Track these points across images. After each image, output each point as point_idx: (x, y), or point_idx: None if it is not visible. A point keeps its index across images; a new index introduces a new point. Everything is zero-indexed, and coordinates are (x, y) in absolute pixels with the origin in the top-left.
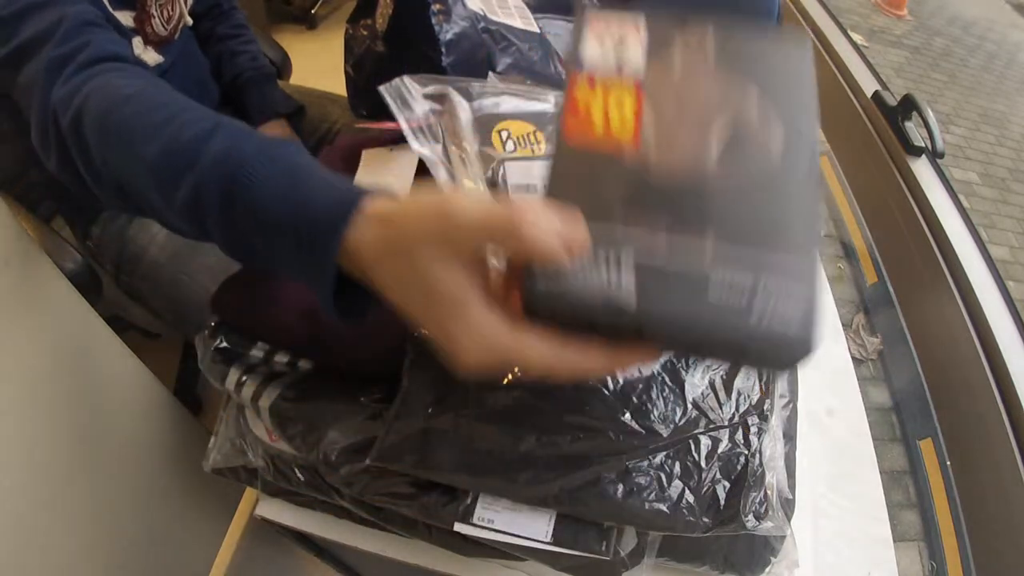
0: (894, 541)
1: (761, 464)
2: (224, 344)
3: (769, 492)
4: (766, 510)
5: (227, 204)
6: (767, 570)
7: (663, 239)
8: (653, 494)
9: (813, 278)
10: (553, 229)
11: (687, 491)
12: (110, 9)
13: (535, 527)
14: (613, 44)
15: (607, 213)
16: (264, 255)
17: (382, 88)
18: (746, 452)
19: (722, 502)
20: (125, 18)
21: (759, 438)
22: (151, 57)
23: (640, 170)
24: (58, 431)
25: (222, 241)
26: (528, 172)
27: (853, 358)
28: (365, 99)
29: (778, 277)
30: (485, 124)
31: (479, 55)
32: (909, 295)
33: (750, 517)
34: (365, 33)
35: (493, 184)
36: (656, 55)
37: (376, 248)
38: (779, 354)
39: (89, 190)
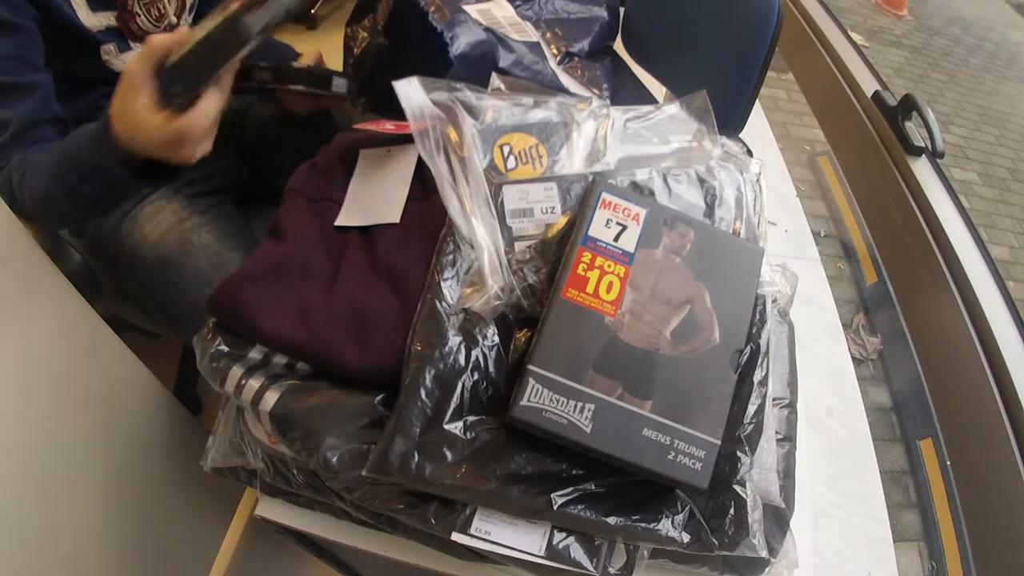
0: (894, 541)
1: (743, 486)
2: (222, 346)
3: (749, 515)
4: (739, 536)
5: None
6: (767, 570)
7: (618, 395)
8: (636, 510)
9: (713, 446)
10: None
11: (669, 508)
12: (86, 13)
13: (530, 540)
14: (614, 233)
15: (585, 356)
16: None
17: (396, 84)
18: (727, 479)
19: (700, 520)
20: (107, 18)
21: (740, 466)
22: None
23: (615, 329)
24: (57, 430)
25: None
26: (525, 196)
27: (853, 358)
28: (367, 94)
29: (687, 443)
30: (488, 138)
31: (483, 49)
32: (909, 295)
33: (725, 541)
34: (365, 33)
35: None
36: (646, 245)
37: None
38: (680, 486)
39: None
